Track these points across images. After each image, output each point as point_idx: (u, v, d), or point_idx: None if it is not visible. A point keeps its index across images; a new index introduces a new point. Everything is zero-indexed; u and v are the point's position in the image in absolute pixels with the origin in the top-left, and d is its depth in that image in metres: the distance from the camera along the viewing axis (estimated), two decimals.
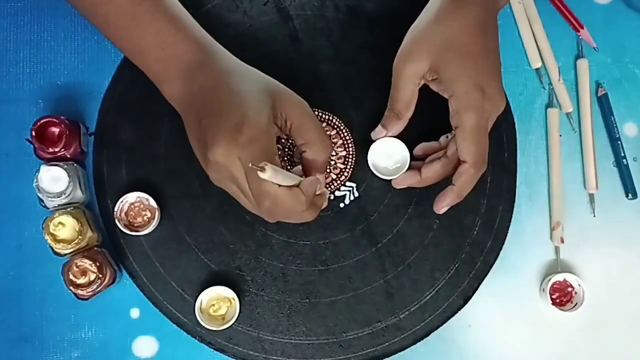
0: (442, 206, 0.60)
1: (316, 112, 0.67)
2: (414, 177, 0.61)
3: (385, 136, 0.63)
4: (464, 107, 0.57)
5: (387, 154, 0.64)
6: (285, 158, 0.66)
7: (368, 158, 0.64)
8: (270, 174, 0.49)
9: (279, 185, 0.53)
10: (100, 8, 0.57)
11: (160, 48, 0.57)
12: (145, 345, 0.65)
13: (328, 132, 0.67)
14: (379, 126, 0.63)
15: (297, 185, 0.55)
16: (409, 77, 0.59)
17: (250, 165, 0.50)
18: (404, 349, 0.65)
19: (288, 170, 0.64)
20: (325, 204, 0.61)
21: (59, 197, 0.62)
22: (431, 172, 0.60)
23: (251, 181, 0.53)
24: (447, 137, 0.63)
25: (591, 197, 0.68)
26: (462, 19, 0.58)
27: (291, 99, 0.57)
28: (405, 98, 0.60)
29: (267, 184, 0.53)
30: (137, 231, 0.64)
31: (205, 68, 0.57)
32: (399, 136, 0.63)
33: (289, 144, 0.67)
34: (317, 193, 0.58)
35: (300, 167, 0.60)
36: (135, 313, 0.66)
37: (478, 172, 0.58)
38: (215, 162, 0.54)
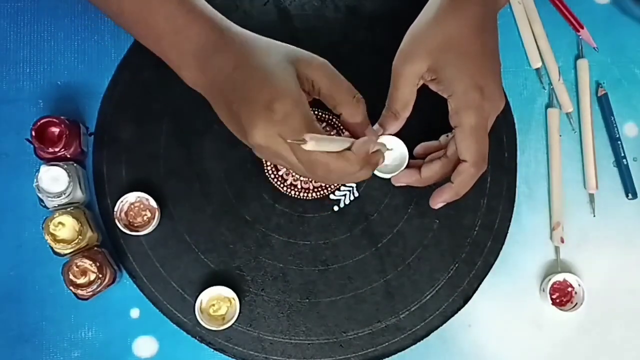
0: (438, 202, 0.60)
1: (316, 112, 0.67)
2: (414, 175, 0.61)
3: (381, 135, 0.63)
4: (463, 107, 0.57)
5: (386, 153, 0.63)
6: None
7: None
8: (313, 144, 0.49)
9: (329, 153, 0.53)
10: None
11: (174, 32, 0.56)
12: (145, 345, 0.65)
13: (328, 132, 0.67)
14: (376, 125, 0.62)
15: (349, 148, 0.54)
16: (407, 77, 0.59)
17: (289, 141, 0.50)
18: (404, 349, 0.65)
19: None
20: (382, 161, 0.59)
21: (59, 197, 0.62)
22: (431, 171, 0.60)
23: (299, 154, 0.52)
24: (447, 136, 0.63)
25: (591, 197, 0.68)
26: (461, 18, 0.57)
27: (314, 62, 0.57)
28: (403, 98, 0.60)
29: (316, 154, 0.52)
30: (137, 231, 0.64)
31: (221, 48, 0.56)
32: (398, 135, 0.63)
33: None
34: (372, 151, 0.57)
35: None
36: (135, 313, 0.66)
37: (478, 171, 0.58)
38: (257, 145, 0.53)
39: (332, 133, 0.67)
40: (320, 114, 0.67)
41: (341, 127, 0.67)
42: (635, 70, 0.70)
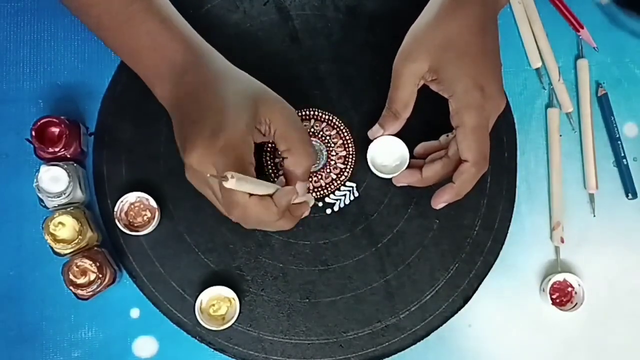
0: (439, 202, 0.60)
1: (316, 112, 0.67)
2: (414, 175, 0.61)
3: (382, 135, 0.63)
4: (464, 107, 0.57)
5: (386, 152, 0.64)
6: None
7: (367, 156, 0.64)
8: (235, 184, 0.49)
9: (250, 195, 0.53)
10: (93, 9, 0.58)
11: (152, 49, 0.57)
12: (145, 345, 0.65)
13: (327, 132, 0.67)
14: (376, 125, 0.63)
15: (271, 195, 0.55)
16: (408, 77, 0.59)
17: (208, 175, 0.51)
18: (404, 349, 0.65)
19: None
20: (306, 213, 0.61)
21: (59, 197, 0.62)
22: (432, 171, 0.60)
23: (222, 189, 0.54)
24: (447, 136, 0.63)
25: (591, 197, 0.68)
26: (461, 18, 0.58)
27: (276, 105, 0.57)
28: (403, 98, 0.60)
29: (236, 194, 0.53)
30: (137, 231, 0.64)
31: (193, 69, 0.57)
32: (399, 135, 0.63)
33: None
34: (296, 202, 0.58)
35: (282, 177, 0.60)
36: (135, 313, 0.66)
37: (479, 171, 0.58)
38: (191, 167, 0.54)
39: (332, 133, 0.67)
40: (319, 113, 0.67)
41: (341, 128, 0.67)
42: (635, 70, 0.70)
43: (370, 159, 0.64)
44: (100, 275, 0.61)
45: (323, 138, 0.67)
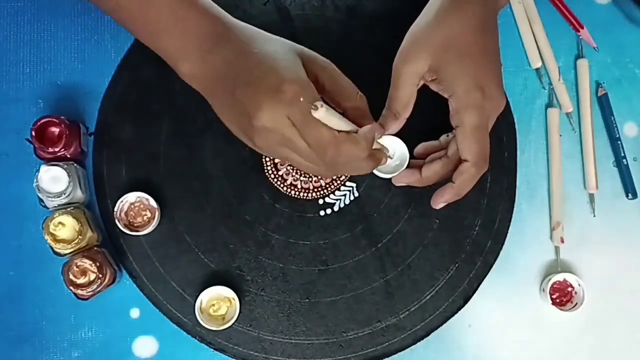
0: (439, 202, 0.60)
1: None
2: (414, 175, 0.61)
3: (381, 135, 0.62)
4: (464, 107, 0.57)
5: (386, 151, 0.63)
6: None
7: None
8: (324, 113, 0.48)
9: (339, 133, 0.52)
10: None
11: (174, 24, 0.55)
12: (145, 345, 0.65)
13: None
14: (376, 125, 0.62)
15: (355, 132, 0.55)
16: (408, 77, 0.59)
17: (302, 99, 0.49)
18: (404, 349, 0.65)
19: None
20: (384, 161, 0.60)
21: (59, 197, 0.62)
22: (431, 171, 0.60)
23: (308, 134, 0.52)
24: (447, 136, 0.63)
25: (591, 197, 0.68)
26: (461, 18, 0.57)
27: (318, 58, 0.57)
28: (403, 98, 0.59)
29: (326, 132, 0.52)
30: (137, 231, 0.64)
31: (225, 39, 0.55)
32: (398, 135, 0.63)
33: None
34: (375, 147, 0.57)
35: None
36: (135, 313, 0.66)
37: (479, 171, 0.58)
38: (263, 129, 0.52)
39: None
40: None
41: None
42: (635, 70, 0.70)
43: None
44: (100, 275, 0.61)
45: None
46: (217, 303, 0.64)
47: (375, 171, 0.63)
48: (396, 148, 0.63)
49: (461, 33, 0.57)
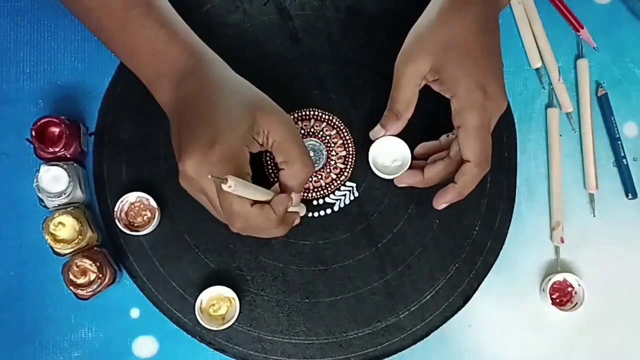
0: (441, 202, 0.60)
1: (316, 112, 0.67)
2: (416, 176, 0.61)
3: (383, 136, 0.63)
4: (466, 107, 0.57)
5: (388, 153, 0.64)
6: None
7: (369, 157, 0.64)
8: (234, 187, 0.49)
9: (252, 204, 0.54)
10: (93, 12, 0.58)
11: (152, 53, 0.57)
12: (145, 345, 0.65)
13: (327, 132, 0.67)
14: (378, 126, 0.63)
15: (269, 202, 0.55)
16: (409, 77, 0.59)
17: (210, 176, 0.51)
18: (404, 349, 0.65)
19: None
20: (297, 221, 0.61)
21: (59, 197, 0.62)
22: (433, 172, 0.60)
23: (222, 200, 0.54)
24: (447, 136, 0.63)
25: (591, 197, 0.68)
26: (463, 19, 0.57)
27: (275, 115, 0.57)
28: (405, 98, 0.59)
29: (238, 204, 0.53)
30: (137, 231, 0.64)
31: (193, 76, 0.57)
32: (400, 135, 0.63)
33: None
34: (290, 210, 0.58)
35: (277, 184, 0.59)
36: (135, 313, 0.66)
37: (481, 171, 0.58)
38: (186, 174, 0.54)
39: (332, 133, 0.67)
40: (319, 113, 0.67)
41: (341, 128, 0.67)
42: (635, 70, 0.70)
43: (372, 159, 0.63)
44: (100, 275, 0.61)
45: (323, 138, 0.67)
46: (217, 303, 0.64)
47: (377, 172, 0.63)
48: (398, 149, 0.63)
49: (463, 34, 0.57)
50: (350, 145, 0.67)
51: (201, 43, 0.60)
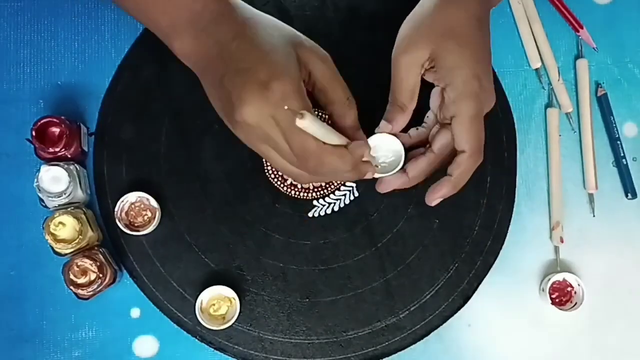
0: (435, 198, 0.58)
1: (316, 112, 0.67)
2: (400, 178, 0.59)
3: (391, 131, 0.60)
4: (462, 96, 0.56)
5: (382, 151, 0.61)
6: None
7: None
8: (309, 123, 0.46)
9: (324, 144, 0.51)
10: None
11: None
12: (145, 345, 0.65)
13: None
14: (383, 121, 0.60)
15: (345, 146, 0.53)
16: (410, 66, 0.57)
17: (286, 107, 0.47)
18: (403, 349, 0.66)
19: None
20: (370, 174, 0.58)
21: (59, 197, 0.62)
22: (418, 169, 0.58)
23: (292, 139, 0.50)
24: (417, 129, 0.60)
25: (591, 197, 0.68)
26: (462, 9, 0.57)
27: (316, 53, 0.55)
28: (408, 89, 0.58)
29: (311, 142, 0.50)
30: (138, 231, 0.64)
31: (220, 18, 0.52)
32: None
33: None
34: (365, 160, 0.55)
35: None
36: (135, 313, 0.66)
37: (476, 162, 0.57)
38: (244, 123, 0.50)
39: None
40: (319, 113, 0.67)
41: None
42: (635, 70, 0.71)
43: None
44: (101, 275, 0.62)
45: None
46: (218, 303, 0.64)
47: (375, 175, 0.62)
48: (390, 146, 0.60)
49: (462, 24, 0.56)
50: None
51: None
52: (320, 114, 0.66)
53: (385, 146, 0.60)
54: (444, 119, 0.58)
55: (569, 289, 0.66)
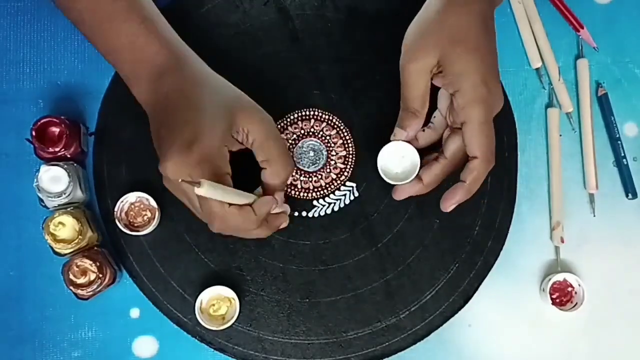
0: (450, 204, 0.59)
1: (316, 112, 0.67)
2: (415, 185, 0.60)
3: (406, 137, 0.60)
4: (472, 101, 0.56)
5: (396, 159, 0.61)
6: (330, 126, 0.66)
7: (377, 163, 0.61)
8: (207, 190, 0.49)
9: (230, 205, 0.54)
10: (75, 4, 0.58)
11: (131, 49, 0.57)
12: (145, 345, 0.65)
13: (327, 132, 0.67)
14: (397, 128, 0.60)
15: (250, 205, 0.56)
16: (420, 73, 0.57)
17: (180, 180, 0.50)
18: (404, 349, 0.65)
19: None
20: (284, 225, 0.61)
21: (59, 197, 0.62)
22: (432, 175, 0.59)
23: (201, 202, 0.54)
24: (423, 130, 0.61)
25: (591, 197, 0.68)
26: (468, 14, 0.57)
27: (255, 115, 0.57)
28: (419, 95, 0.58)
29: (215, 205, 0.53)
30: (137, 231, 0.64)
31: (172, 74, 0.57)
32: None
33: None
34: (274, 212, 0.59)
35: (260, 187, 0.60)
36: (135, 313, 0.66)
37: (488, 166, 0.57)
38: (167, 178, 0.55)
39: (331, 133, 0.67)
40: (319, 113, 0.67)
41: (341, 128, 0.67)
42: (635, 70, 0.70)
43: (381, 167, 0.61)
44: (101, 275, 0.62)
45: (323, 138, 0.67)
46: (217, 303, 0.64)
47: (387, 179, 0.61)
48: (406, 154, 0.61)
49: (469, 28, 0.57)
50: (350, 145, 0.67)
51: (180, 41, 0.60)
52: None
53: (400, 153, 0.61)
54: (454, 123, 0.58)
55: (569, 289, 0.66)
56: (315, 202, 0.67)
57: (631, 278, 0.68)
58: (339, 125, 0.67)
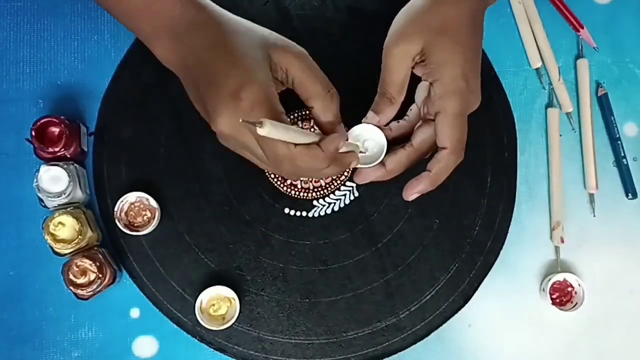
0: (412, 193, 0.57)
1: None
2: (378, 170, 0.58)
3: (378, 123, 0.59)
4: (449, 92, 0.55)
5: (364, 140, 0.59)
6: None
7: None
8: (269, 130, 0.46)
9: (295, 145, 0.51)
10: None
11: (145, 5, 0.55)
12: (145, 345, 0.65)
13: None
14: (370, 112, 0.59)
15: (317, 143, 0.53)
16: (401, 57, 0.57)
17: (241, 120, 0.47)
18: (404, 349, 0.65)
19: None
20: (354, 163, 0.57)
21: (59, 197, 0.62)
22: (396, 162, 0.57)
23: (265, 146, 0.51)
24: (397, 122, 0.60)
25: (591, 197, 0.68)
26: (458, 8, 0.56)
27: (290, 51, 0.55)
28: (398, 80, 0.57)
29: (281, 147, 0.51)
30: (137, 231, 0.64)
31: (195, 26, 0.54)
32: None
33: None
34: (343, 151, 0.55)
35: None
36: (135, 313, 0.66)
37: (456, 160, 0.56)
38: (221, 133, 0.52)
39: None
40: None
41: None
42: (635, 70, 0.70)
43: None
44: (100, 275, 0.62)
45: None
46: (217, 303, 0.64)
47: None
48: (373, 137, 0.59)
49: (457, 21, 0.56)
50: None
51: None
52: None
53: (368, 137, 0.59)
54: (427, 114, 0.57)
55: (569, 289, 0.66)
56: (315, 202, 0.67)
57: (631, 278, 0.68)
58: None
